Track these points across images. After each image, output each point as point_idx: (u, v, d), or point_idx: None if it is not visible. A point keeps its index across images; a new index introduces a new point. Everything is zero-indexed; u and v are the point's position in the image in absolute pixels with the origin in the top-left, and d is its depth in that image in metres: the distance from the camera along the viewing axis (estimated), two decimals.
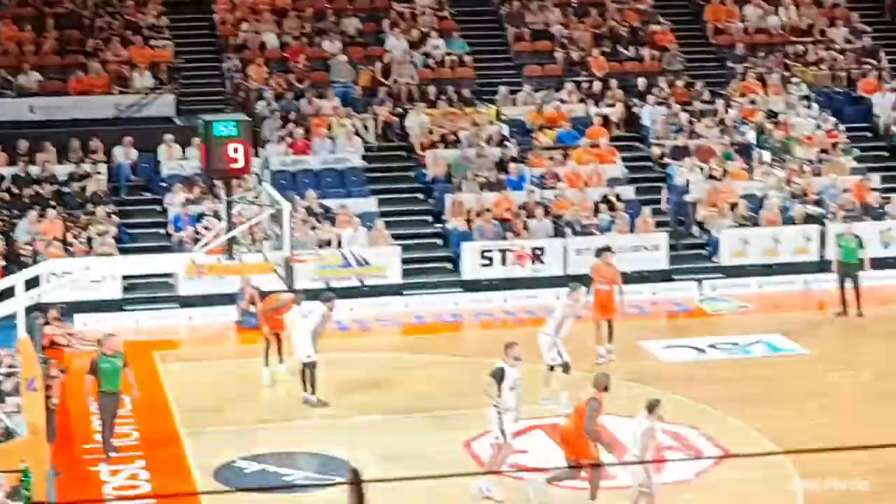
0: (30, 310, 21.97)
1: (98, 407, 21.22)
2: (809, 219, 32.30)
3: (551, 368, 22.83)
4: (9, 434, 19.64)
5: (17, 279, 20.38)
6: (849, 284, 28.57)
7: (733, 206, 32.41)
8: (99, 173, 32.00)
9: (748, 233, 31.99)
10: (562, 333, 22.79)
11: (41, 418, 19.45)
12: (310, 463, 20.96)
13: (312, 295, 28.25)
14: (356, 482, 4.83)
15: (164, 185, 32.32)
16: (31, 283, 20.58)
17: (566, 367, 22.71)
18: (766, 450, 21.16)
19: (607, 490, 18.61)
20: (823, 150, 34.81)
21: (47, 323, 26.89)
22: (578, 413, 18.61)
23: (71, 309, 28.17)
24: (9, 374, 21.36)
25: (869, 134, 36.86)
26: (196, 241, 26.78)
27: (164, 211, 31.63)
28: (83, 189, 31.57)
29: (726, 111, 36.03)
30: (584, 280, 25.34)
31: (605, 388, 18.67)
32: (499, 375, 19.03)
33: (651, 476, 17.74)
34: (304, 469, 20.67)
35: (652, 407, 17.91)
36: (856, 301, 28.52)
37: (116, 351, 20.87)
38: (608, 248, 26.69)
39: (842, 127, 35.97)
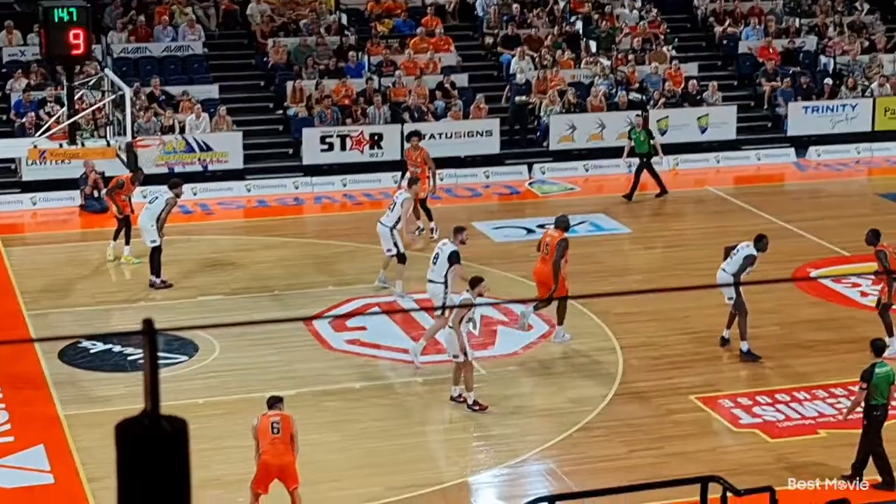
0: None
1: None
2: (632, 105, 32.65)
3: (392, 257, 22.76)
4: None
5: None
6: (644, 171, 28.97)
7: (562, 94, 32.58)
8: None
9: (575, 118, 32.21)
10: (399, 226, 22.70)
11: None
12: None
13: (156, 180, 27.98)
14: (149, 332, 4.67)
15: (4, 71, 31.39)
16: None
17: (402, 258, 22.65)
18: (590, 324, 21.53)
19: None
20: (646, 40, 35.11)
21: None
22: (549, 254, 20.26)
23: None
24: None
25: (688, 24, 37.24)
26: (38, 126, 26.12)
27: (6, 97, 30.76)
28: None
29: (556, 2, 36.06)
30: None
31: (566, 228, 20.75)
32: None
33: (466, 346, 17.96)
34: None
35: (474, 283, 18.16)
36: (657, 185, 28.97)
37: None
38: (416, 133, 26.76)
39: (663, 18, 36.29)
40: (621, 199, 28.49)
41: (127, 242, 24.32)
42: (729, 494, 10.58)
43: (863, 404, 16.26)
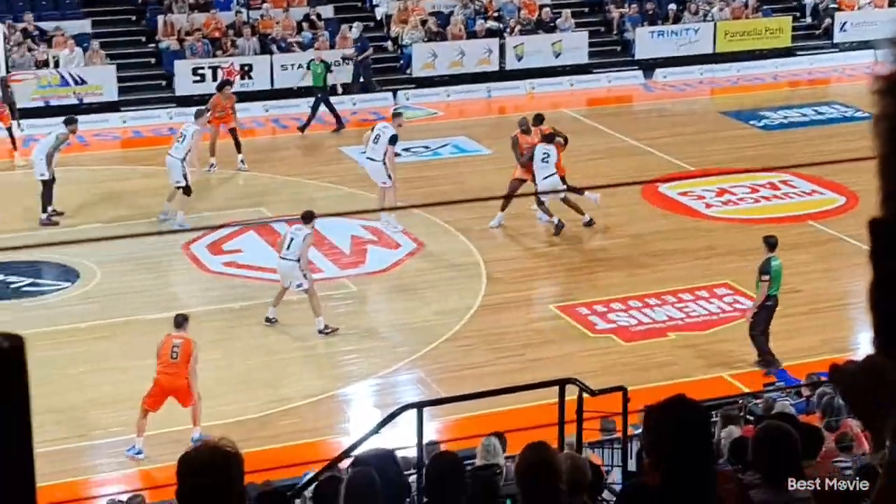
0: None
1: None
2: (490, 33, 32.60)
3: (178, 189, 22.28)
4: None
5: None
6: (318, 106, 28.25)
7: (423, 23, 32.41)
8: None
9: (436, 46, 32.09)
10: (189, 158, 22.30)
11: None
12: (37, 270, 20.43)
13: (33, 114, 27.39)
14: None
15: None
16: None
17: (188, 191, 22.30)
18: (454, 240, 21.60)
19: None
20: None
21: None
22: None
23: None
24: None
25: None
26: None
27: None
28: None
29: None
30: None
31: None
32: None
33: (308, 274, 18.16)
34: (32, 276, 20.15)
35: (308, 217, 18.16)
36: (335, 120, 28.36)
37: None
38: (229, 83, 26.76)
39: None
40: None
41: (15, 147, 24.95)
42: (585, 395, 10.70)
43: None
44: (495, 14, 33.40)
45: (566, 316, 18.87)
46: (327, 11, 32.92)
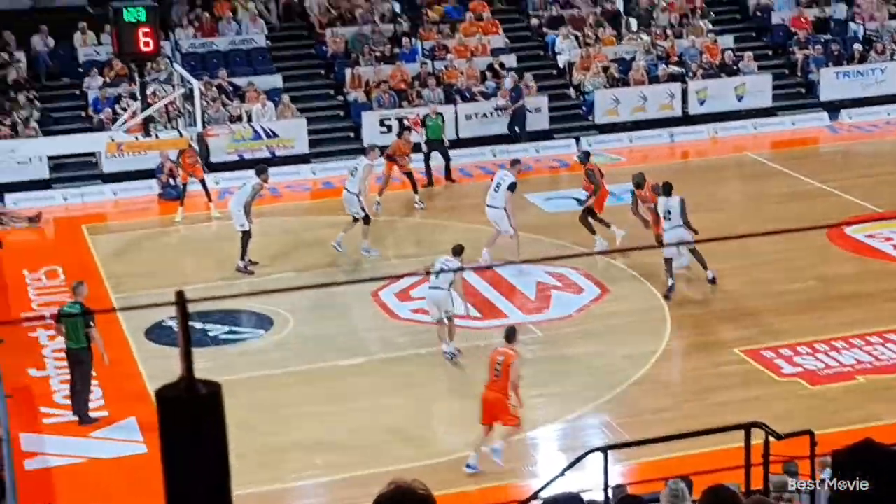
0: None
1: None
2: (672, 78, 32.70)
3: (354, 220, 23.61)
4: None
5: None
6: (434, 161, 28.78)
7: (605, 69, 32.69)
8: (18, 61, 31.47)
9: (619, 92, 32.31)
10: (364, 190, 23.61)
11: None
12: (234, 318, 21.19)
13: (228, 167, 28.43)
14: (181, 303, 4.89)
15: (81, 70, 31.89)
16: None
17: (367, 220, 23.54)
18: (639, 286, 21.74)
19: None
20: (684, 15, 35.12)
21: None
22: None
23: (1, 189, 27.95)
24: None
25: None
26: (115, 121, 26.57)
27: (84, 95, 31.26)
28: (4, 77, 31.06)
29: None
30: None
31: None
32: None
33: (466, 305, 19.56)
34: (229, 324, 20.92)
35: (457, 251, 19.20)
36: (446, 173, 28.90)
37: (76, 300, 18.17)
38: (408, 129, 27.71)
39: None
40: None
41: (209, 199, 26.38)
42: (771, 439, 10.76)
43: None
44: (677, 59, 33.48)
45: (751, 360, 18.84)
46: (510, 60, 33.45)
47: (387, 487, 5.02)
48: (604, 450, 10.61)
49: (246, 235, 23.17)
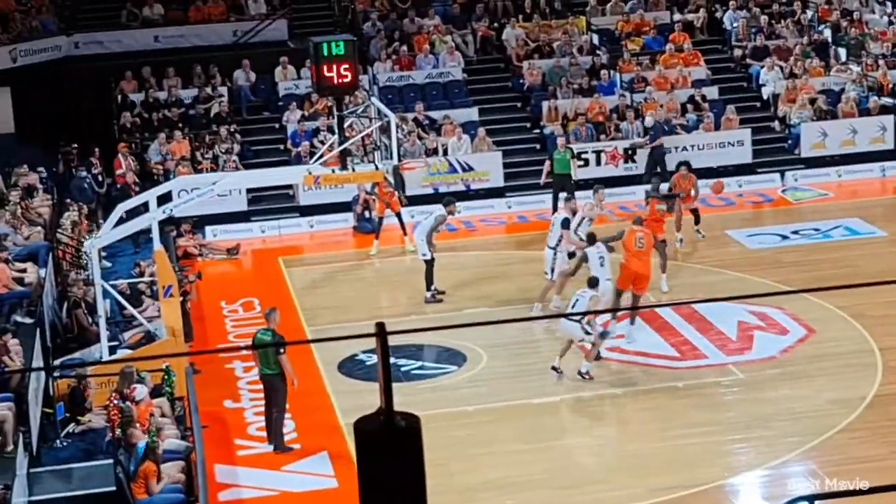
0: (163, 224, 22.25)
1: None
2: (884, 110, 31.72)
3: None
4: (150, 337, 20.07)
5: (151, 195, 20.59)
6: (563, 194, 27.02)
7: (812, 101, 31.90)
8: (221, 96, 32.24)
9: (827, 125, 31.48)
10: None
11: (178, 321, 19.84)
12: (426, 353, 21.18)
13: (422, 200, 28.54)
14: (381, 334, 4.78)
15: (281, 104, 32.50)
16: (164, 199, 20.77)
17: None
18: (847, 327, 21.01)
19: None
20: None
21: (180, 235, 27.30)
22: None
23: (201, 221, 28.58)
24: (149, 283, 21.79)
25: None
26: (312, 154, 26.95)
27: (283, 128, 31.83)
28: (207, 111, 31.85)
29: (803, 11, 35.35)
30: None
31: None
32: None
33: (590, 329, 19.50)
34: (421, 359, 20.91)
35: (592, 284, 19.85)
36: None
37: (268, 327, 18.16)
38: (685, 163, 26.64)
39: None
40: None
41: (404, 233, 26.54)
42: None
43: None
44: (890, 90, 32.45)
45: None
46: (712, 93, 32.91)
47: None
48: (810, 499, 10.15)
49: (429, 265, 23.24)
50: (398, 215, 27.04)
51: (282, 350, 17.68)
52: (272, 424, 18.00)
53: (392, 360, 20.37)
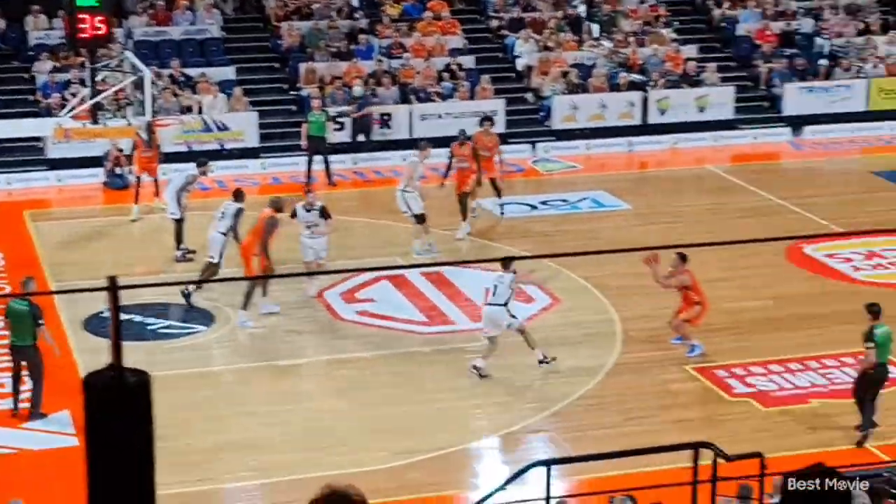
0: None
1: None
2: (633, 86, 32.68)
3: (414, 218, 23.33)
4: None
5: None
6: (317, 158, 28.33)
7: (565, 75, 32.62)
8: None
9: (578, 99, 32.24)
10: (413, 185, 23.15)
11: None
12: (173, 312, 20.95)
13: (176, 158, 28.09)
14: (113, 288, 4.76)
15: (31, 53, 31.50)
16: None
17: (420, 219, 23.10)
18: (591, 297, 21.64)
19: None
20: (647, 23, 35.12)
21: None
22: (256, 230, 20.72)
23: None
24: None
25: (688, 7, 37.18)
26: (63, 107, 26.24)
27: (32, 79, 30.86)
28: None
29: None
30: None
31: (279, 210, 20.93)
32: None
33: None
34: (168, 318, 20.69)
35: (506, 264, 18.75)
36: (326, 175, 28.43)
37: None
38: (489, 118, 26.86)
39: (663, 1, 36.28)
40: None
41: (157, 193, 25.66)
42: (720, 460, 10.64)
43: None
44: (639, 67, 33.43)
45: (703, 378, 18.77)
46: (469, 62, 33.31)
47: (321, 491, 4.97)
48: (547, 463, 10.45)
49: (178, 224, 23.02)
50: (154, 179, 26.48)
51: (40, 321, 17.24)
52: (33, 397, 17.51)
53: (139, 318, 20.19)
